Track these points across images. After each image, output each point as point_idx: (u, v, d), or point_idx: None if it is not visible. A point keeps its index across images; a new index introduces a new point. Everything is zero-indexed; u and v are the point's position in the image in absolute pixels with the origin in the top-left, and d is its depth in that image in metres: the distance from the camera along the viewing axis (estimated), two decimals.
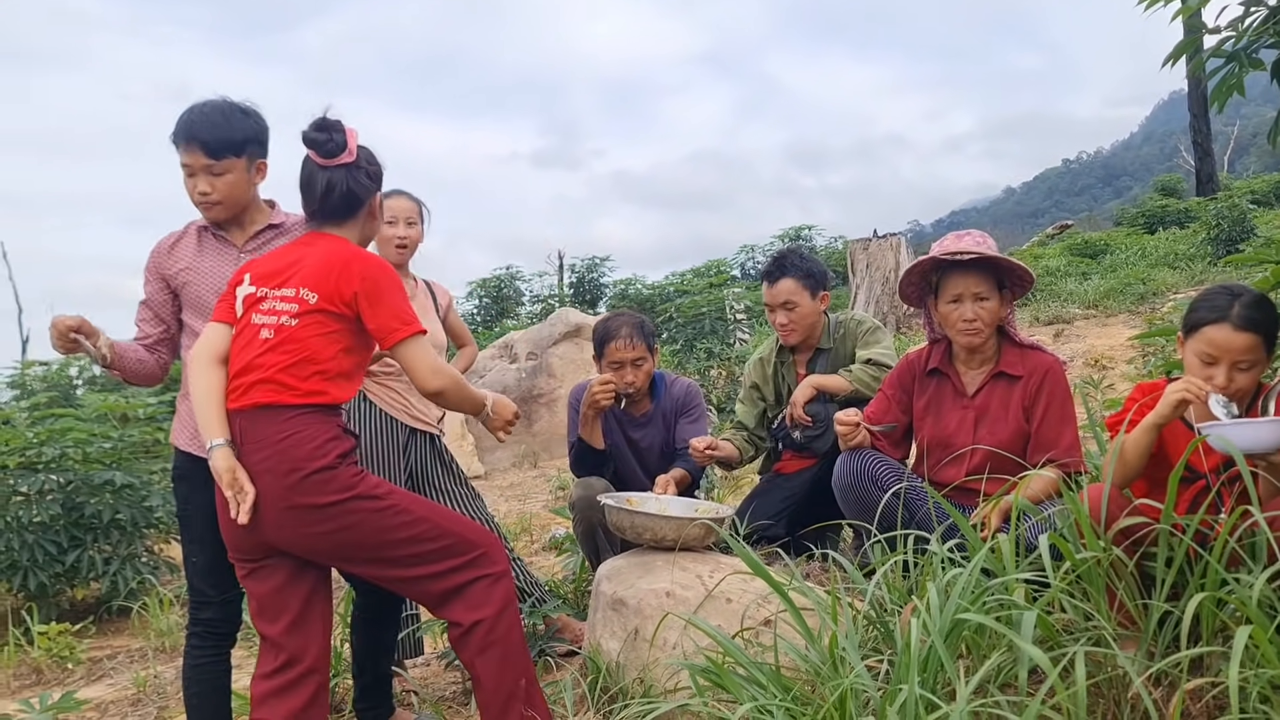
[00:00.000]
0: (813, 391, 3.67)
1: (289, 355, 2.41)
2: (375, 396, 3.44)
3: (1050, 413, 3.00)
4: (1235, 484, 2.12)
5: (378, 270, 2.50)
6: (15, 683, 4.65)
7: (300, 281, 2.46)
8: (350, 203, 2.57)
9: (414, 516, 2.45)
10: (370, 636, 3.08)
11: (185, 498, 2.81)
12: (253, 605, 2.51)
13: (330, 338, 2.45)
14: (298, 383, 2.39)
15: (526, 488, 8.52)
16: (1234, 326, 2.28)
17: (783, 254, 3.87)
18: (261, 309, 2.48)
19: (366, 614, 3.06)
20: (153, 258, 2.87)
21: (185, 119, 2.72)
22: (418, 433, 3.53)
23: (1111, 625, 2.04)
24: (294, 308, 2.45)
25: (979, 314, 3.02)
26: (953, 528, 2.68)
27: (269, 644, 2.48)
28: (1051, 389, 3.01)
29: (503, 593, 2.52)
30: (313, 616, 2.51)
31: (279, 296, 2.47)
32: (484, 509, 3.73)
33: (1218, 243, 13.21)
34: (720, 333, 12.74)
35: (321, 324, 2.44)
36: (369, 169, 2.60)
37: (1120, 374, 7.36)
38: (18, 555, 5.32)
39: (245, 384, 2.42)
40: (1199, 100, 20.92)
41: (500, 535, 3.77)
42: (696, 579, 2.86)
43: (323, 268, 2.47)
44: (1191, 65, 3.38)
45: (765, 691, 2.10)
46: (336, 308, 2.44)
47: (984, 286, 3.02)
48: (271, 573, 2.47)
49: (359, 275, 2.45)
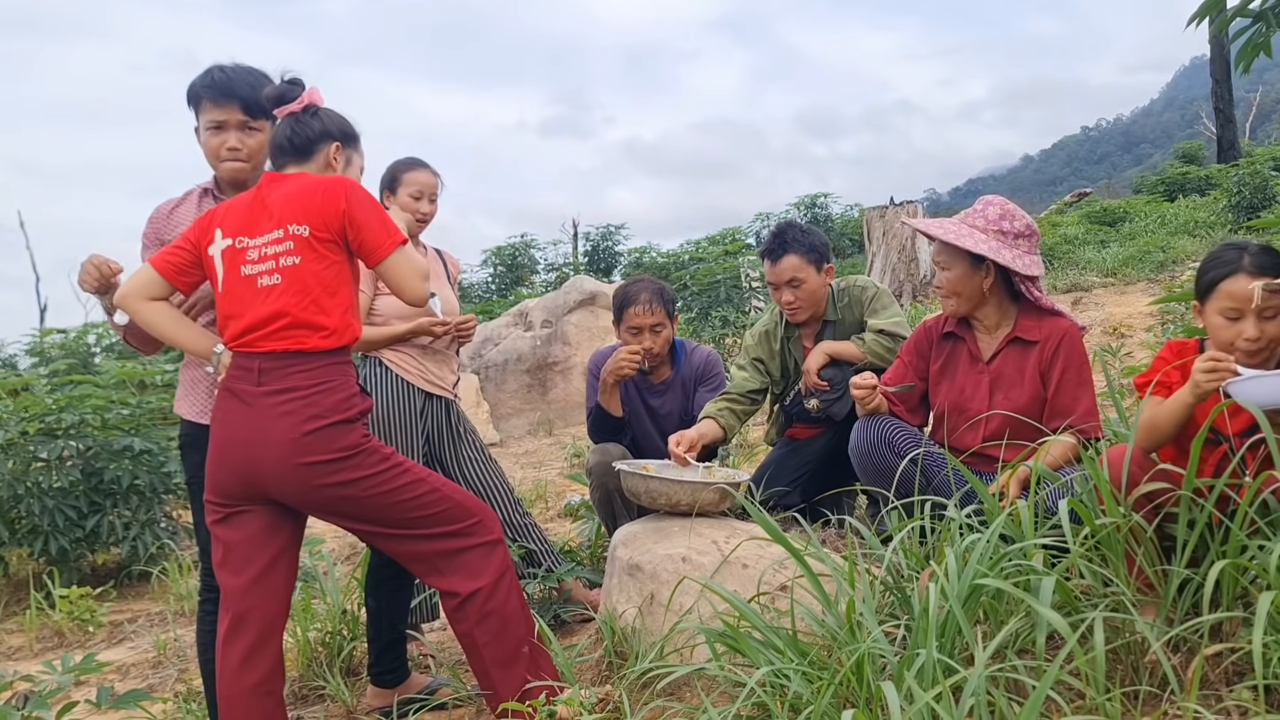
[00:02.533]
0: (826, 358, 3.60)
1: (304, 293, 2.39)
2: (391, 362, 3.44)
3: (1067, 377, 2.97)
4: (1259, 448, 2.10)
5: (354, 186, 2.50)
6: (38, 645, 4.71)
7: (283, 219, 2.43)
8: (298, 144, 2.56)
9: (415, 478, 2.45)
10: (387, 600, 3.09)
11: (195, 465, 2.74)
12: (218, 553, 2.47)
13: (336, 267, 2.44)
14: (324, 319, 2.39)
15: (542, 455, 8.54)
16: (1250, 275, 2.26)
17: (782, 229, 3.71)
18: (249, 259, 2.44)
19: (383, 576, 3.07)
20: (151, 223, 2.85)
21: (220, 77, 2.72)
22: (434, 398, 3.54)
23: (1130, 591, 2.04)
24: (289, 245, 2.42)
25: (944, 281, 3.08)
26: (970, 493, 2.67)
27: (227, 598, 2.45)
28: (1068, 354, 2.99)
29: (499, 560, 2.52)
30: (278, 574, 2.48)
31: (266, 242, 2.43)
32: (500, 475, 3.74)
33: (1238, 210, 13.05)
34: (735, 301, 12.69)
35: (322, 255, 2.42)
36: (324, 119, 2.60)
37: (1139, 342, 7.30)
38: (39, 520, 5.37)
39: (265, 334, 2.39)
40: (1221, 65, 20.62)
41: (516, 501, 3.78)
42: (712, 544, 2.86)
43: (302, 198, 2.44)
44: (1216, 25, 3.32)
45: (782, 656, 2.10)
46: (330, 233, 2.42)
47: (944, 256, 3.07)
48: (247, 521, 2.44)
49: (341, 194, 2.43)
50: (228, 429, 2.42)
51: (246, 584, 2.43)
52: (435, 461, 3.61)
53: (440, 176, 3.65)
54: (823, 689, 1.92)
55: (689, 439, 3.37)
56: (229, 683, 2.43)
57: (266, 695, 2.45)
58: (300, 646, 3.44)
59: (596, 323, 10.01)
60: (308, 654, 3.45)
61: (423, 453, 3.51)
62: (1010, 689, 1.89)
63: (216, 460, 2.43)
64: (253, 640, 2.42)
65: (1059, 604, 2.03)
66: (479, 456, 3.69)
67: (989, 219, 3.04)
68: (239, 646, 2.42)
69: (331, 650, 3.45)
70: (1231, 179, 13.76)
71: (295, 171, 2.56)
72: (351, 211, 2.43)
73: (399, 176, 3.56)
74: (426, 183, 3.56)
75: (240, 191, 2.73)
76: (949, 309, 3.13)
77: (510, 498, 3.75)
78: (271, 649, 2.46)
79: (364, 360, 3.55)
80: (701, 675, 2.30)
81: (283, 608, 2.51)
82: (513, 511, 3.73)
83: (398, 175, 3.56)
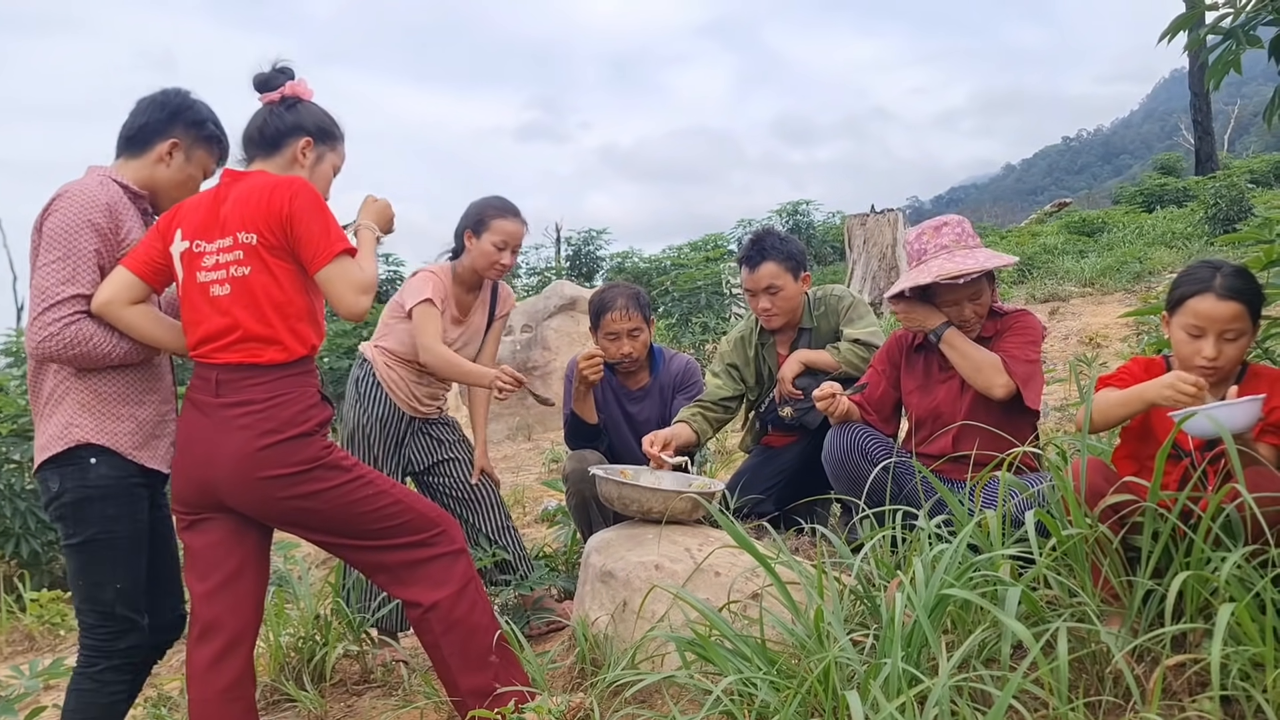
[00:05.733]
0: (800, 366, 3.61)
1: (253, 306, 2.34)
2: (384, 380, 3.48)
3: (1014, 337, 3.04)
4: (1220, 461, 2.13)
5: (302, 187, 2.38)
6: (8, 649, 4.67)
7: (235, 227, 2.36)
8: (267, 135, 2.50)
9: (376, 490, 2.42)
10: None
11: (111, 518, 2.45)
12: (186, 559, 2.45)
13: (284, 274, 2.36)
14: (274, 332, 2.34)
15: (520, 460, 8.53)
16: (1218, 296, 2.29)
17: (760, 236, 3.73)
18: (204, 265, 2.38)
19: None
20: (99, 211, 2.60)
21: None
22: (415, 420, 3.58)
23: (1095, 601, 2.06)
24: (239, 255, 2.35)
25: (978, 311, 3.07)
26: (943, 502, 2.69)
27: (195, 603, 2.43)
28: (1017, 326, 3.07)
29: (462, 570, 2.50)
30: (245, 579, 2.45)
31: (219, 249, 2.37)
32: (487, 484, 3.74)
33: (1215, 222, 13.19)
34: (716, 307, 12.71)
35: (269, 264, 2.35)
36: (300, 113, 2.53)
37: (1114, 352, 7.36)
38: (10, 523, 5.34)
39: (219, 346, 2.36)
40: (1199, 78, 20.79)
41: (499, 504, 3.75)
42: (685, 552, 2.86)
43: (249, 202, 2.36)
44: (1190, 41, 3.35)
45: (750, 664, 2.11)
46: (275, 238, 2.34)
47: (978, 288, 3.04)
48: (212, 528, 2.42)
49: (286, 197, 2.34)
50: (187, 439, 2.41)
51: (212, 590, 2.41)
52: (416, 475, 3.63)
53: (528, 225, 3.55)
54: (790, 698, 1.92)
55: (663, 437, 3.39)
56: (199, 686, 2.41)
57: (236, 700, 2.42)
58: (272, 651, 3.42)
59: (577, 328, 10.01)
60: (279, 659, 3.43)
61: (399, 464, 3.52)
62: (975, 698, 1.90)
63: (177, 469, 2.42)
64: (220, 647, 2.40)
65: (1025, 614, 2.04)
66: (463, 465, 3.68)
67: (970, 234, 3.08)
68: (206, 652, 2.40)
69: (303, 655, 3.43)
70: (1209, 191, 13.91)
71: (259, 166, 2.50)
72: (293, 215, 2.33)
73: (487, 221, 3.46)
74: (514, 233, 3.47)
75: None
76: (975, 333, 3.10)
77: (497, 509, 3.72)
78: (239, 655, 2.43)
79: (360, 363, 3.55)
80: (671, 683, 2.30)
81: (252, 614, 2.49)
82: (497, 521, 3.71)
83: (486, 219, 3.46)
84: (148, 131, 2.57)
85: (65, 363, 2.42)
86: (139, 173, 2.57)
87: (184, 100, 2.61)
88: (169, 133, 2.57)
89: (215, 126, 2.66)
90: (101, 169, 2.55)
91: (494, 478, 3.76)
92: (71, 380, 2.45)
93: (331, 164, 2.62)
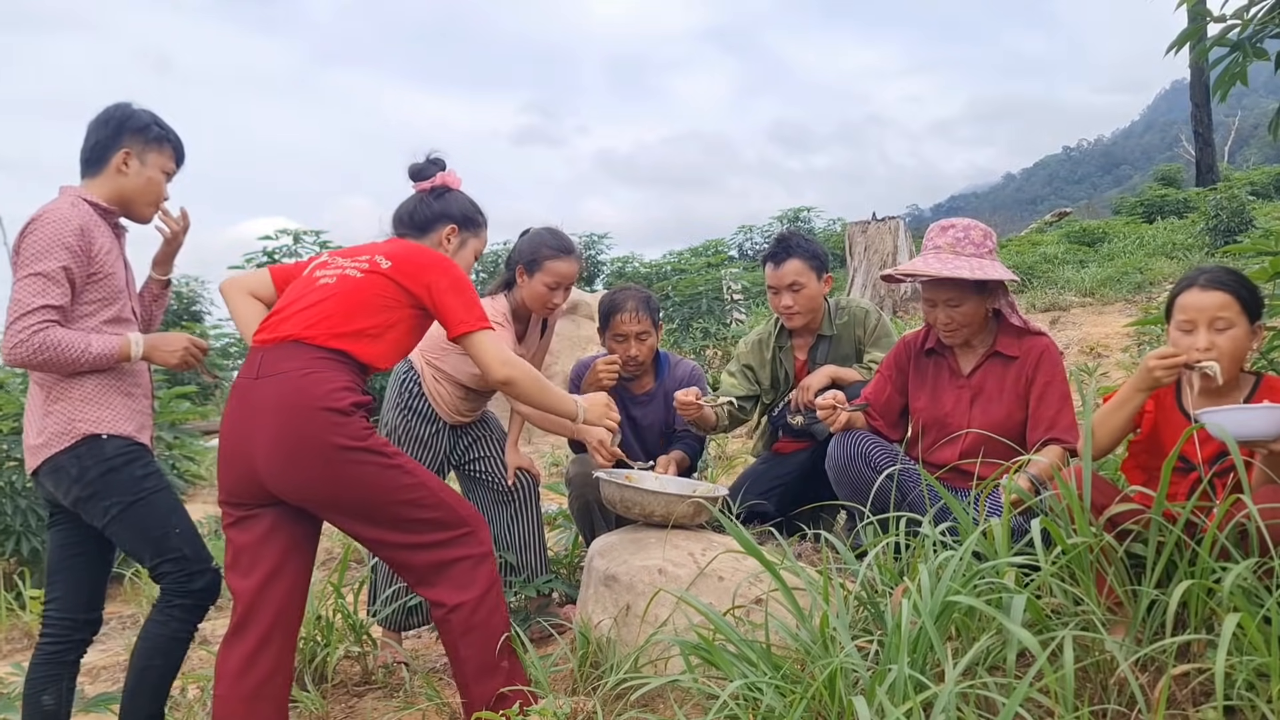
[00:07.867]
0: (827, 380, 3.63)
1: (338, 304, 2.48)
2: (431, 393, 3.51)
3: (1050, 392, 3.02)
4: (1229, 475, 2.13)
5: (449, 267, 2.59)
6: (8, 646, 4.67)
7: (377, 251, 2.59)
8: (417, 221, 2.78)
9: (415, 480, 2.46)
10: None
11: (141, 477, 2.64)
12: (229, 555, 2.49)
13: (385, 301, 2.51)
14: (333, 329, 2.45)
15: None
16: (1201, 287, 2.36)
17: (786, 236, 3.82)
18: (328, 268, 2.59)
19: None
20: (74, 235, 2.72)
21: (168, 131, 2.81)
22: (455, 428, 3.62)
23: (1100, 610, 2.06)
24: (364, 264, 2.55)
25: (953, 317, 3.06)
26: (947, 509, 2.69)
27: (236, 600, 2.46)
28: (1049, 370, 3.04)
29: (486, 575, 2.52)
30: (286, 575, 2.48)
31: (350, 262, 2.58)
32: (526, 490, 3.72)
33: (1216, 233, 13.20)
34: (717, 312, 12.73)
35: (383, 287, 2.51)
36: (448, 201, 2.80)
37: (1115, 362, 7.37)
38: (10, 520, 5.33)
39: (280, 318, 2.50)
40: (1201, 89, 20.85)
41: (535, 503, 3.74)
42: (689, 556, 2.87)
43: (405, 251, 2.60)
44: (1195, 53, 3.37)
45: (755, 669, 2.11)
46: (406, 282, 2.52)
47: (953, 293, 3.03)
48: (258, 523, 2.46)
49: (440, 271, 2.55)
50: (229, 427, 2.46)
51: (255, 586, 2.45)
52: (457, 467, 3.68)
53: (583, 259, 3.58)
54: (795, 703, 1.93)
55: (695, 391, 3.48)
56: (225, 685, 2.44)
57: (263, 700, 2.44)
58: None
59: (578, 331, 10.01)
60: None
61: (437, 464, 3.53)
62: (980, 706, 1.91)
63: (222, 461, 2.46)
64: (253, 644, 2.43)
65: (1030, 622, 2.05)
66: (499, 463, 3.67)
67: (975, 242, 3.05)
68: (238, 651, 2.43)
69: (305, 656, 3.43)
70: (1209, 202, 13.91)
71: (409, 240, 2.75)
72: (439, 288, 2.53)
73: (541, 261, 3.43)
74: (568, 274, 3.47)
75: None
76: (957, 340, 3.12)
77: (532, 510, 3.70)
78: (272, 651, 2.45)
79: (408, 368, 3.55)
80: (675, 687, 2.31)
81: (294, 610, 2.52)
82: (530, 521, 3.69)
83: (540, 259, 3.43)
84: (100, 149, 2.73)
85: (36, 368, 2.59)
86: (104, 188, 2.73)
87: (125, 111, 2.76)
88: (119, 144, 2.73)
89: (160, 128, 2.79)
90: (73, 189, 2.72)
91: (533, 473, 3.73)
92: (67, 381, 2.62)
93: (474, 249, 2.86)
